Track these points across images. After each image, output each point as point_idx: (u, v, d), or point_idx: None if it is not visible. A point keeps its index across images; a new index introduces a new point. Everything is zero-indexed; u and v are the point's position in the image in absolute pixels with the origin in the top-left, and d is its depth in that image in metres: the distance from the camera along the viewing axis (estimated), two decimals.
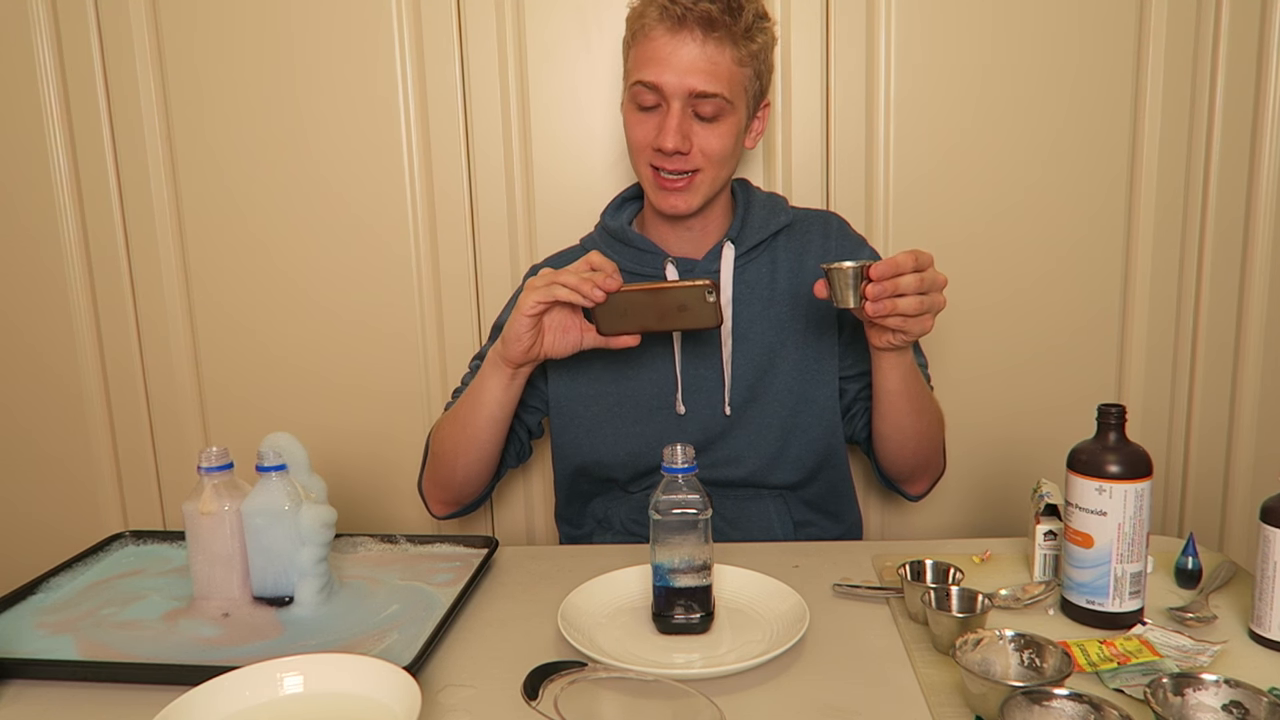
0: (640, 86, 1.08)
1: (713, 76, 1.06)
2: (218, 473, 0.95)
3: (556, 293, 1.00)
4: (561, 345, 1.06)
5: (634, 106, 1.10)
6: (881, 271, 0.94)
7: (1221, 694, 0.68)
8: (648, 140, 1.10)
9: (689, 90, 1.06)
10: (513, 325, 1.04)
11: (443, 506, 1.24)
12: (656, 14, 1.06)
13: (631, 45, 1.11)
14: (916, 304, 0.95)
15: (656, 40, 1.06)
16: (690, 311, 1.01)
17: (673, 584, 0.86)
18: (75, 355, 1.54)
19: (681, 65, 1.05)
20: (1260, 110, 1.40)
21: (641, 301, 1.02)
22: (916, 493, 1.26)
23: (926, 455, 1.19)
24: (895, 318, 0.96)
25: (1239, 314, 1.46)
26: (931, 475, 1.24)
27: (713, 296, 1.00)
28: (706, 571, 0.86)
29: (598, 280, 0.99)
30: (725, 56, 1.06)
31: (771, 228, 1.19)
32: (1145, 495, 0.84)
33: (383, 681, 0.73)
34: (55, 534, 1.60)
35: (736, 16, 1.06)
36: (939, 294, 0.98)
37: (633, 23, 1.10)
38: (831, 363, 1.19)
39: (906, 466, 1.20)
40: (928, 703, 0.75)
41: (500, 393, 1.10)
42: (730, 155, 1.12)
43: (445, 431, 1.18)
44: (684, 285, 1.01)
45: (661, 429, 1.17)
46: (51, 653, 0.85)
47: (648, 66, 1.07)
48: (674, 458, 0.85)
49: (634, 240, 1.19)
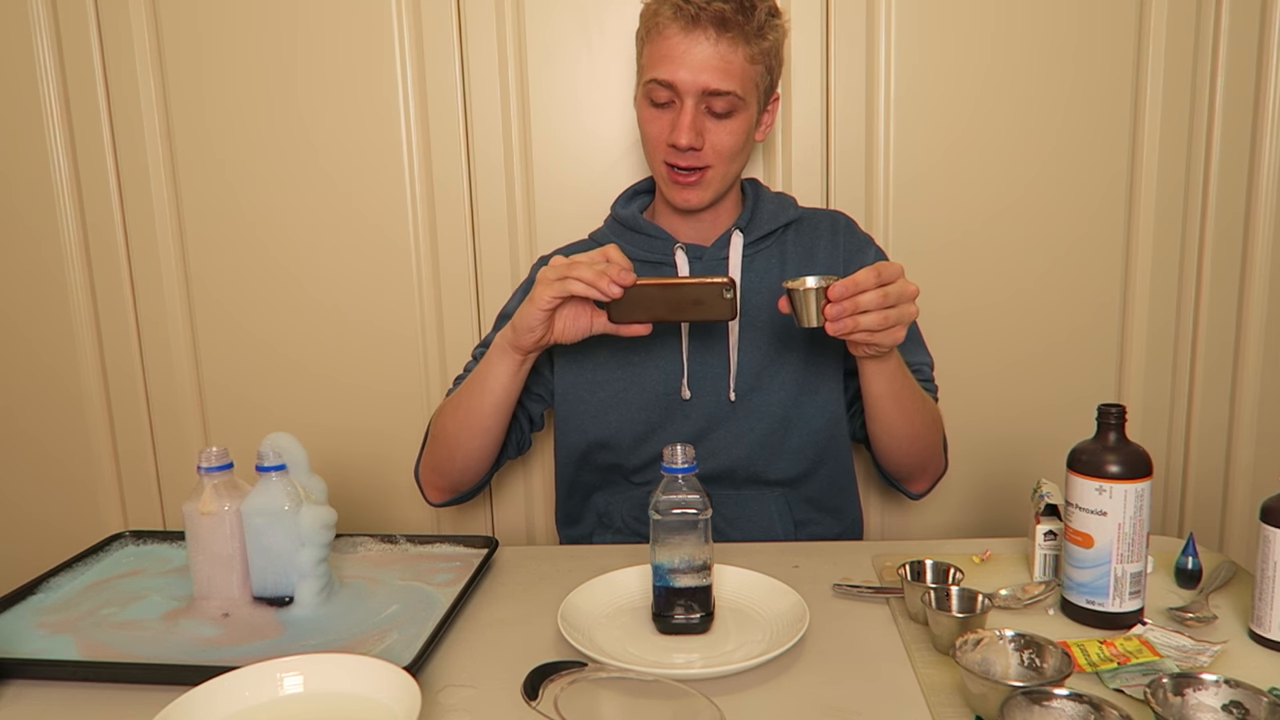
0: (654, 84, 1.09)
1: (726, 75, 1.07)
2: (218, 473, 0.95)
3: (572, 288, 1.00)
4: (572, 331, 1.07)
5: (648, 102, 1.12)
6: (840, 292, 0.94)
7: (1221, 694, 0.68)
8: (662, 137, 1.11)
9: (702, 88, 1.07)
10: (525, 316, 1.04)
11: (439, 493, 1.24)
12: (670, 13, 1.07)
13: (645, 41, 1.12)
14: (880, 319, 0.95)
15: (671, 39, 1.07)
16: (705, 306, 1.01)
17: (673, 584, 0.86)
18: (75, 355, 1.54)
19: (695, 64, 1.06)
20: (1260, 110, 1.40)
21: (657, 295, 1.01)
22: (918, 491, 1.26)
23: (922, 455, 1.19)
24: (861, 334, 0.96)
25: (1239, 314, 1.46)
26: (931, 474, 1.24)
27: (730, 294, 1.00)
28: (706, 571, 0.86)
29: (613, 274, 0.99)
30: (738, 55, 1.07)
31: (781, 220, 1.21)
32: (1145, 495, 0.84)
33: (383, 681, 0.73)
34: (55, 534, 1.60)
35: (749, 16, 1.07)
36: (908, 305, 0.97)
37: (647, 19, 1.11)
38: (836, 357, 1.19)
39: (904, 466, 1.20)
40: (928, 703, 0.75)
41: (508, 379, 1.11)
42: (741, 150, 1.14)
43: (448, 417, 1.18)
44: (702, 281, 1.01)
45: (666, 413, 1.18)
46: (51, 653, 0.85)
47: (662, 64, 1.08)
48: (674, 458, 0.85)
49: (644, 227, 1.21)
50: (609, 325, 1.05)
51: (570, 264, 1.01)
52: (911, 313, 0.98)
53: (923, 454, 1.18)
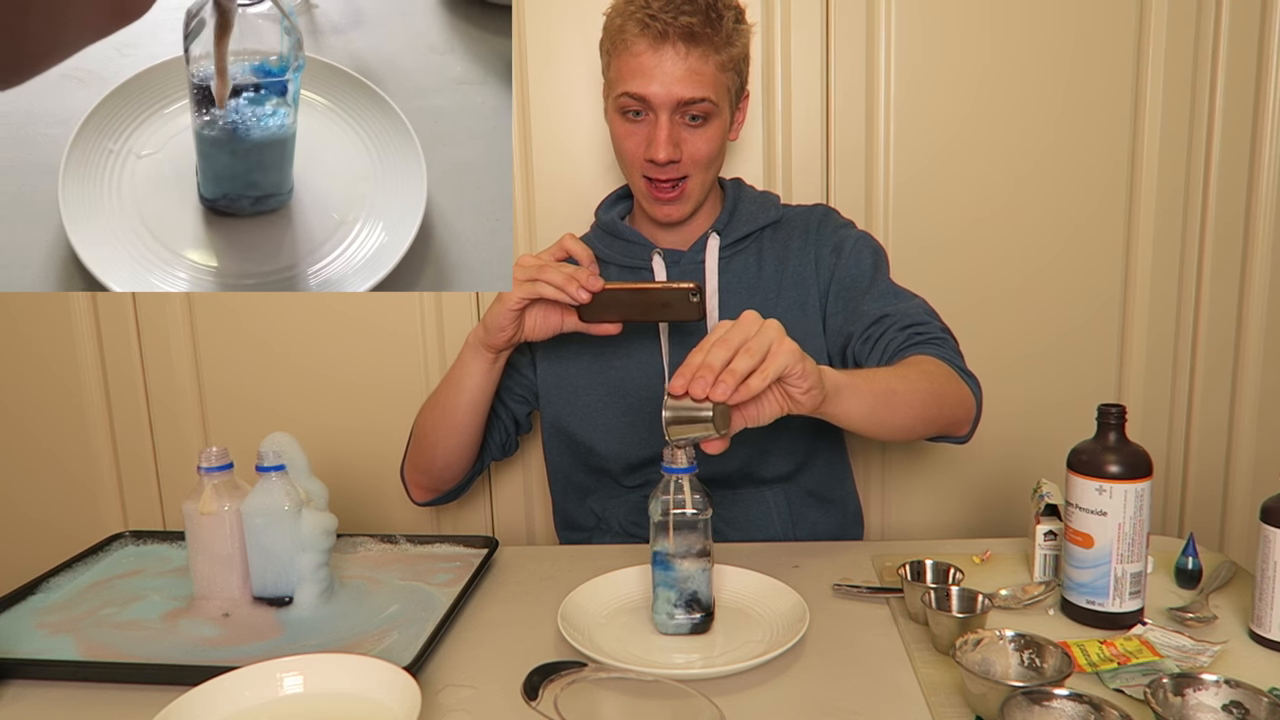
0: (627, 97, 1.08)
1: (698, 84, 1.06)
2: (218, 473, 0.95)
3: (541, 290, 1.00)
4: (542, 329, 1.07)
5: (620, 116, 1.11)
6: (675, 385, 0.80)
7: (1221, 694, 0.68)
8: (639, 152, 1.11)
9: (676, 100, 1.07)
10: (495, 316, 1.05)
11: (422, 492, 1.25)
12: (637, 28, 1.05)
13: (612, 54, 1.10)
14: (753, 381, 0.79)
15: (640, 55, 1.06)
16: (673, 309, 1.02)
17: (673, 584, 0.86)
18: (75, 355, 1.54)
19: (666, 77, 1.06)
20: (1260, 110, 1.40)
21: (625, 299, 1.03)
22: (961, 435, 1.11)
23: (942, 419, 1.05)
24: (749, 406, 0.84)
25: (1239, 314, 1.46)
26: (964, 420, 1.09)
27: (697, 298, 1.01)
28: (706, 572, 0.86)
29: (582, 279, 0.99)
30: (709, 65, 1.07)
31: (759, 222, 1.20)
32: (1145, 495, 0.84)
33: (383, 681, 0.73)
34: (55, 534, 1.60)
35: (717, 27, 1.06)
36: (780, 352, 0.80)
37: (612, 32, 1.10)
38: (815, 343, 1.17)
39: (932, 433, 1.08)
40: (928, 703, 0.75)
41: (481, 377, 1.11)
42: (718, 156, 1.14)
43: (427, 416, 1.19)
44: (668, 286, 1.02)
45: (651, 417, 1.18)
46: (51, 653, 0.85)
47: (633, 79, 1.07)
48: (674, 458, 0.85)
49: (624, 233, 1.21)
50: (579, 324, 1.05)
51: (540, 266, 1.01)
52: (787, 357, 0.80)
53: (941, 418, 1.04)
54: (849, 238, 1.20)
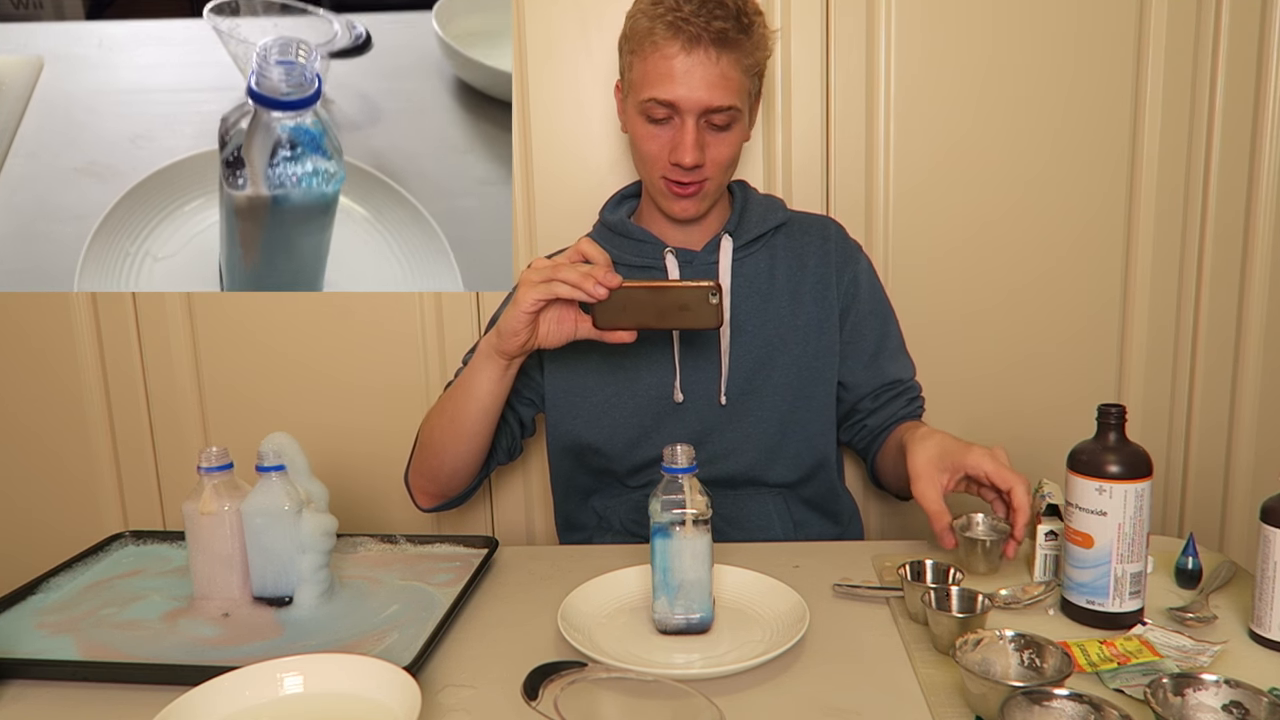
0: (653, 103, 1.07)
1: (726, 91, 1.06)
2: (218, 473, 0.96)
3: (557, 290, 0.99)
4: (556, 336, 1.05)
5: (643, 119, 1.10)
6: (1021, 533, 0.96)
7: (1221, 694, 0.68)
8: (662, 155, 1.10)
9: (704, 106, 1.06)
10: (509, 320, 1.03)
11: (428, 499, 1.24)
12: (667, 31, 1.04)
13: (638, 55, 1.08)
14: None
15: (671, 59, 1.05)
16: (691, 312, 1.00)
17: (673, 584, 0.86)
18: (75, 355, 1.54)
19: (696, 82, 1.05)
20: (1260, 110, 1.40)
21: (642, 298, 1.01)
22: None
23: None
24: None
25: (1239, 314, 1.46)
26: None
27: (715, 298, 0.99)
28: (707, 572, 0.86)
29: (599, 276, 0.98)
30: (737, 70, 1.06)
31: (770, 223, 1.20)
32: (1145, 495, 0.84)
33: (383, 682, 0.73)
34: (55, 534, 1.60)
35: (749, 32, 1.06)
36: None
37: (639, 35, 1.07)
38: (831, 362, 1.19)
39: None
40: (928, 703, 0.75)
41: (493, 384, 1.10)
42: (737, 159, 1.14)
43: (435, 422, 1.17)
44: (687, 285, 1.00)
45: (659, 417, 1.18)
46: (51, 653, 0.85)
47: (662, 84, 1.06)
48: (674, 458, 0.85)
49: (633, 232, 1.20)
50: (593, 331, 1.03)
51: (554, 266, 1.00)
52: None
53: None
54: (864, 271, 1.24)
